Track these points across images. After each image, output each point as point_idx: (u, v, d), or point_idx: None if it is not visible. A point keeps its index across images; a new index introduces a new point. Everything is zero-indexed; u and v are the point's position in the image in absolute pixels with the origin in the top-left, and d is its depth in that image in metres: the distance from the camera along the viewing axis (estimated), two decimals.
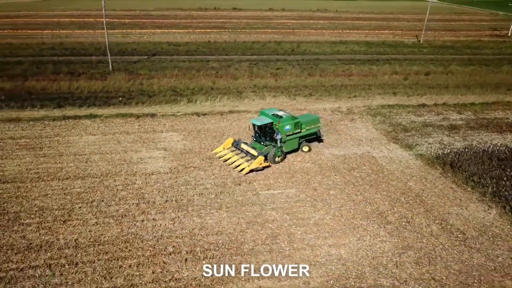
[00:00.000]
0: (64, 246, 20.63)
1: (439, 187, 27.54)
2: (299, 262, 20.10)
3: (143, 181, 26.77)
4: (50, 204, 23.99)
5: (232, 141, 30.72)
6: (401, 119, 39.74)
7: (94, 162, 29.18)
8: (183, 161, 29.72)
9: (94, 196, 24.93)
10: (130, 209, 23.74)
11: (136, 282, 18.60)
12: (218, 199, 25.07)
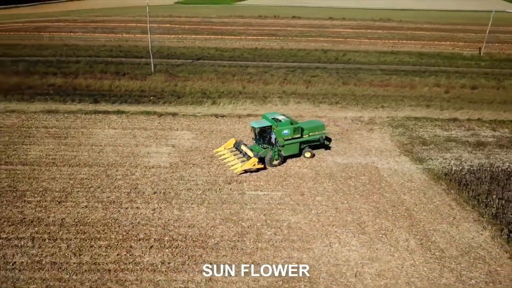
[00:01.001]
0: (51, 223, 22.85)
1: (435, 203, 26.25)
2: (258, 261, 20.46)
3: (141, 173, 28.59)
4: (54, 187, 26.57)
5: (234, 142, 31.64)
6: (424, 132, 38.07)
7: (106, 153, 31.65)
8: (186, 158, 31.18)
9: (94, 183, 27.15)
10: (120, 197, 25.56)
11: (100, 261, 20.16)
12: (203, 195, 26.09)
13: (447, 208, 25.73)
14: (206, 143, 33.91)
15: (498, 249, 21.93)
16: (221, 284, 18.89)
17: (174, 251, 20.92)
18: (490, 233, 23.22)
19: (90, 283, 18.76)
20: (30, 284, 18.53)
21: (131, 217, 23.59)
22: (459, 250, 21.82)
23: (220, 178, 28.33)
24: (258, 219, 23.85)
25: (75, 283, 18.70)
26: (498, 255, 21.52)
